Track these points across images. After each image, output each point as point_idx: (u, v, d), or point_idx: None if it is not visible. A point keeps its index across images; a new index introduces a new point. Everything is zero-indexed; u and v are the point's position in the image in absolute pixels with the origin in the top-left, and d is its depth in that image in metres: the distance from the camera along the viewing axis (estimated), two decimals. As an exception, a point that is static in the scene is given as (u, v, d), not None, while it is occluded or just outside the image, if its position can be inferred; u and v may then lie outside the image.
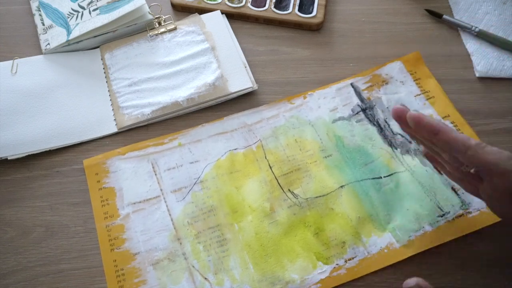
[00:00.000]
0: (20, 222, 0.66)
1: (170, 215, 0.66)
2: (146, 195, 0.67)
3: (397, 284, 0.61)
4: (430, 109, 0.73)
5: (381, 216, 0.65)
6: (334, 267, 0.62)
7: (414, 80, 0.76)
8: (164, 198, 0.67)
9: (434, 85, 0.76)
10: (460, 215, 0.65)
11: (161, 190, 0.67)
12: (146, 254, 0.63)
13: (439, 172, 0.64)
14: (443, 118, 0.72)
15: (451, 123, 0.72)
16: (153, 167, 0.69)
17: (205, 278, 0.61)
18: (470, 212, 0.65)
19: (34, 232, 0.65)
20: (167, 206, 0.66)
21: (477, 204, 0.65)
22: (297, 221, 0.65)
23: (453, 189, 0.66)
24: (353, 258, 0.62)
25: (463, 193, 0.66)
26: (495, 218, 0.64)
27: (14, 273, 0.62)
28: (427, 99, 0.74)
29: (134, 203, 0.66)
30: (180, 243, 0.64)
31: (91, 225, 0.65)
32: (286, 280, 0.61)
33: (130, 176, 0.69)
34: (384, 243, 0.63)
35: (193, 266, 0.62)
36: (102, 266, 0.62)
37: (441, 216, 0.65)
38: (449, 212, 0.65)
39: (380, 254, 0.63)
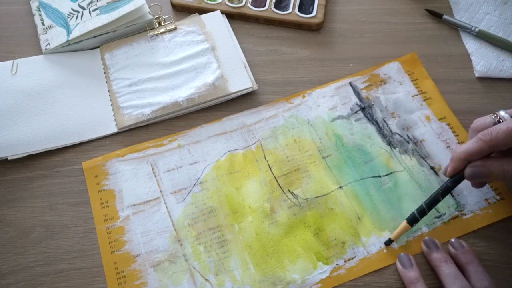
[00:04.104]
0: (20, 222, 0.66)
1: (170, 216, 0.66)
2: (146, 197, 0.67)
3: (397, 284, 0.61)
4: (427, 110, 0.74)
5: (380, 216, 0.65)
6: (334, 267, 0.62)
7: (412, 81, 0.76)
8: (164, 200, 0.67)
9: (431, 86, 0.76)
10: (455, 217, 0.65)
11: (161, 191, 0.67)
12: (146, 256, 0.63)
13: (436, 173, 0.65)
14: (439, 120, 0.73)
15: (447, 125, 0.72)
16: (152, 169, 0.69)
17: (206, 279, 0.61)
18: (464, 214, 0.65)
19: (34, 232, 0.65)
20: (167, 207, 0.66)
21: (471, 206, 0.66)
22: (297, 222, 0.65)
23: (448, 190, 0.67)
24: (352, 258, 0.63)
25: (458, 194, 0.67)
26: (489, 220, 0.65)
27: (14, 273, 0.62)
28: (424, 100, 0.74)
29: (134, 205, 0.66)
30: (181, 245, 0.64)
31: (91, 225, 0.65)
32: (287, 280, 0.61)
33: (129, 177, 0.69)
34: (383, 242, 0.63)
35: (194, 267, 0.62)
36: (102, 266, 0.62)
37: (437, 218, 0.65)
38: (444, 214, 0.65)
39: (380, 254, 0.63)
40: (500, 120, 0.60)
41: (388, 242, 0.64)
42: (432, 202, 0.62)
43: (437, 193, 0.62)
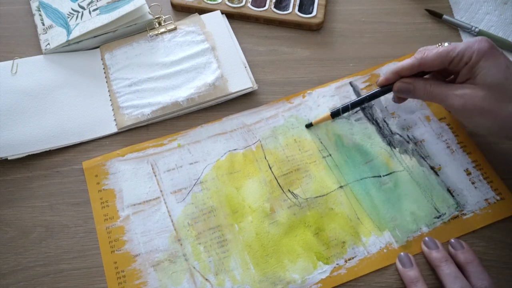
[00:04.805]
0: (20, 222, 0.66)
1: (170, 216, 0.66)
2: (146, 197, 0.67)
3: (397, 284, 0.61)
4: (427, 110, 0.74)
5: (380, 215, 0.65)
6: (335, 267, 0.62)
7: (411, 81, 0.77)
8: (164, 199, 0.67)
9: (431, 86, 0.76)
10: (455, 217, 0.65)
11: (161, 191, 0.67)
12: (146, 256, 0.63)
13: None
14: (439, 120, 0.73)
15: (447, 125, 0.72)
16: (152, 168, 0.69)
17: (206, 279, 0.61)
18: (464, 214, 0.65)
19: (34, 232, 0.65)
20: (167, 207, 0.66)
21: (471, 206, 0.66)
22: (297, 221, 0.65)
23: (449, 190, 0.67)
24: (353, 258, 0.63)
25: (458, 194, 0.67)
26: (489, 220, 0.65)
27: (14, 273, 0.62)
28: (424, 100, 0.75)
29: (134, 205, 0.66)
30: (181, 244, 0.64)
31: (91, 225, 0.65)
32: (287, 280, 0.61)
33: (129, 177, 0.69)
34: (383, 242, 0.63)
35: (194, 267, 0.62)
36: (102, 266, 0.62)
37: (437, 218, 0.65)
38: (444, 214, 0.65)
39: (380, 254, 0.63)
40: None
41: (309, 125, 0.71)
42: (356, 103, 0.69)
43: (364, 97, 0.68)
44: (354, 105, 0.69)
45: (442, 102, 0.62)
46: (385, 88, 0.67)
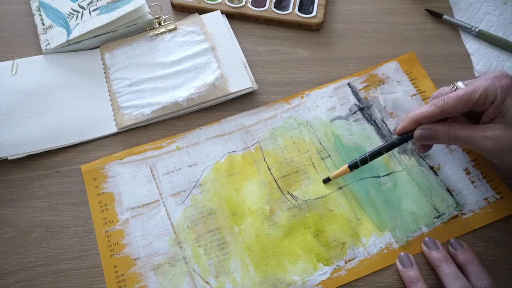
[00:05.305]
0: (20, 222, 0.66)
1: (169, 219, 0.66)
2: (145, 200, 0.67)
3: (397, 284, 0.61)
4: (426, 109, 0.74)
5: (380, 216, 0.65)
6: (335, 268, 0.62)
7: (410, 80, 0.76)
8: (163, 202, 0.67)
9: (430, 86, 0.76)
10: (455, 216, 0.65)
11: (160, 194, 0.67)
12: (146, 259, 0.63)
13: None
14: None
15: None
16: (151, 171, 0.69)
17: (206, 282, 0.61)
18: (464, 214, 0.66)
19: (34, 232, 0.65)
20: (166, 210, 0.66)
21: (471, 205, 0.66)
22: (297, 223, 0.65)
23: (448, 190, 0.67)
24: (353, 259, 0.63)
25: (457, 194, 0.67)
26: (488, 219, 0.65)
27: (14, 273, 0.62)
28: (423, 99, 0.75)
29: (133, 208, 0.66)
30: (181, 247, 0.64)
31: (91, 225, 0.66)
32: (288, 282, 0.61)
33: (128, 180, 0.68)
34: (383, 243, 0.64)
35: (194, 270, 0.62)
36: (102, 266, 0.63)
37: (437, 218, 0.65)
38: (444, 213, 0.66)
39: (380, 254, 0.63)
40: (457, 89, 0.62)
41: (326, 180, 0.68)
42: (375, 154, 0.66)
43: (382, 147, 0.65)
44: (372, 156, 0.66)
45: (470, 145, 0.60)
46: (404, 136, 0.65)
